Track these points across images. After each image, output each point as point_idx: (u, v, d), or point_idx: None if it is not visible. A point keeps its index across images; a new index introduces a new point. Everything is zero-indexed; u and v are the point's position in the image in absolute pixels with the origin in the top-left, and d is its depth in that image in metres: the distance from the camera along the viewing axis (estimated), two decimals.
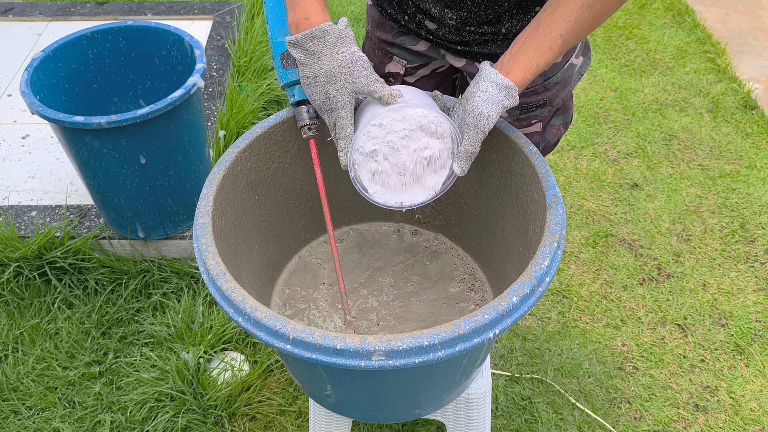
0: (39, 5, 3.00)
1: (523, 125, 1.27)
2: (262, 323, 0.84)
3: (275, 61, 1.09)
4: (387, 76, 1.34)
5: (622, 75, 2.90)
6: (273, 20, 1.09)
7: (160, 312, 1.89)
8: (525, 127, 1.28)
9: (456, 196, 1.27)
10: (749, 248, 2.13)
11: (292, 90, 1.08)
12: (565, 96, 1.29)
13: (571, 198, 2.31)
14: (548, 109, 1.26)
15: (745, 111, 2.66)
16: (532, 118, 1.26)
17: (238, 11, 2.93)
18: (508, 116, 1.25)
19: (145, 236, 1.95)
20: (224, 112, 2.31)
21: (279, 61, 1.08)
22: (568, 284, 2.02)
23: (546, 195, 0.99)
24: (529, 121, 1.27)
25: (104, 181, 1.79)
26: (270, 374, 1.76)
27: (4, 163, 2.24)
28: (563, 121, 1.34)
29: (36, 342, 1.83)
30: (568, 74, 1.24)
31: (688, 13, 3.25)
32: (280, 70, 1.08)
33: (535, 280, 0.88)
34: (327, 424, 1.38)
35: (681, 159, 2.47)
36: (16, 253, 1.89)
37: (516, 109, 1.24)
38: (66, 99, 1.87)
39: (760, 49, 3.05)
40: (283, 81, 1.08)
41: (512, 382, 1.77)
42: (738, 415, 1.71)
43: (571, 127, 2.61)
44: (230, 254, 1.05)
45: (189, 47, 1.83)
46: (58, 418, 1.68)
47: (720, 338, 1.88)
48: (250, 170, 1.13)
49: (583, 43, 1.26)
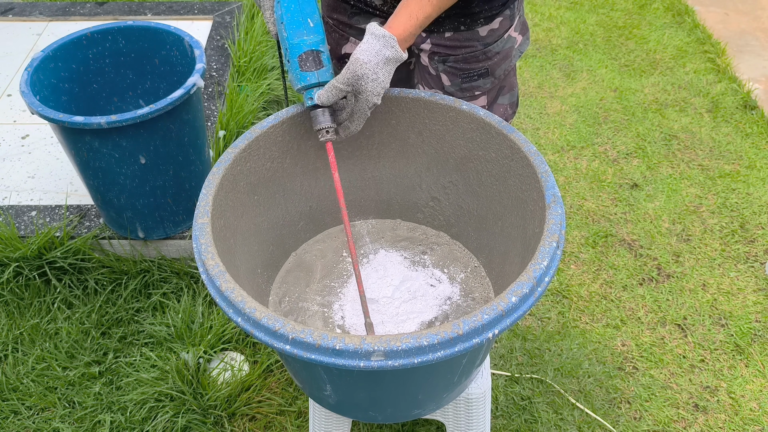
0: (39, 5, 3.00)
1: (467, 96, 1.32)
2: (262, 323, 0.84)
3: (292, 63, 1.06)
4: (344, 57, 1.37)
5: (622, 75, 2.90)
6: (288, 21, 1.07)
7: (159, 312, 1.89)
8: (470, 99, 1.32)
9: (456, 196, 1.27)
10: (749, 248, 2.13)
11: (309, 93, 1.06)
12: (507, 69, 1.33)
13: (571, 198, 2.31)
14: (491, 80, 1.31)
15: (745, 111, 2.66)
16: (475, 89, 1.31)
17: (238, 11, 2.93)
18: (451, 85, 1.30)
19: (145, 236, 1.95)
20: (224, 112, 2.31)
21: (296, 63, 1.05)
22: (567, 284, 2.02)
23: (545, 195, 0.99)
24: (473, 92, 1.31)
25: (104, 181, 1.79)
26: (270, 374, 1.76)
27: (4, 163, 2.24)
28: (510, 100, 1.39)
29: (36, 342, 1.83)
30: (508, 45, 1.29)
31: (688, 13, 3.25)
32: (297, 73, 1.06)
33: (534, 280, 0.87)
34: (327, 424, 1.38)
35: (681, 159, 2.47)
36: (16, 253, 1.89)
37: (458, 77, 1.29)
38: (66, 99, 1.87)
39: (760, 49, 3.05)
40: (300, 83, 1.06)
41: (512, 382, 1.77)
42: (738, 415, 1.71)
43: (571, 127, 2.61)
44: (229, 254, 1.05)
45: (189, 47, 1.83)
46: (58, 418, 1.68)
47: (720, 338, 1.88)
48: (249, 170, 1.13)
49: (520, 22, 1.32)
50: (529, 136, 2.59)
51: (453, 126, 1.18)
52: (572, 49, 3.06)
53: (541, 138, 2.58)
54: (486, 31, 1.25)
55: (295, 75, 1.06)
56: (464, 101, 1.16)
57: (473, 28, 1.24)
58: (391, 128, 1.23)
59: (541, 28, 3.21)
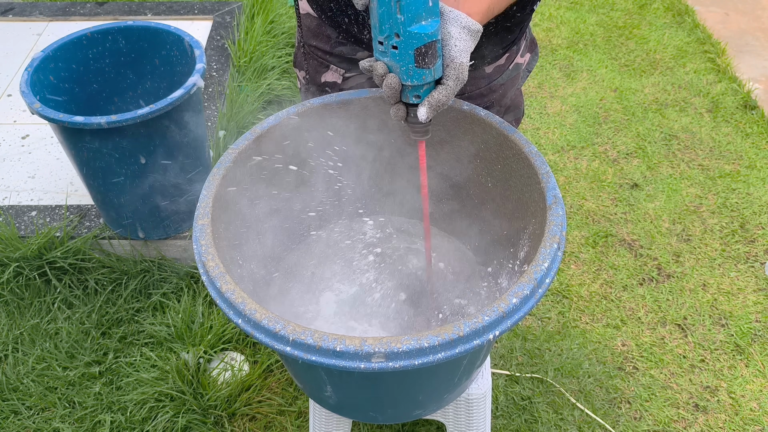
0: (39, 5, 3.00)
1: None
2: (262, 325, 0.84)
3: (402, 54, 0.86)
4: (323, 85, 1.26)
5: (622, 75, 2.90)
6: (407, 1, 0.83)
7: (160, 312, 1.89)
8: None
9: (456, 196, 1.27)
10: (749, 248, 2.13)
11: (418, 90, 0.90)
12: (514, 95, 1.28)
13: (571, 198, 2.31)
14: (496, 109, 1.25)
15: (745, 111, 2.66)
16: None
17: (238, 11, 2.93)
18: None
19: (145, 236, 1.95)
20: (224, 112, 2.31)
21: (412, 57, 0.86)
22: (568, 284, 2.02)
23: (546, 196, 0.99)
24: None
25: (104, 181, 1.79)
26: (270, 374, 1.76)
27: (4, 163, 2.24)
28: (514, 117, 1.33)
29: (36, 342, 1.83)
30: (513, 74, 1.22)
31: (688, 13, 3.24)
32: (412, 69, 0.87)
33: (534, 282, 0.87)
34: (327, 424, 1.38)
35: (681, 159, 2.47)
36: (16, 253, 1.89)
37: None
38: (66, 99, 1.87)
39: (760, 49, 3.05)
40: (413, 81, 0.88)
41: (512, 382, 1.77)
42: (738, 415, 1.71)
43: (571, 127, 2.61)
44: (230, 255, 1.05)
45: (189, 47, 1.83)
46: (58, 418, 1.68)
47: (720, 338, 1.88)
48: (249, 171, 1.13)
49: (528, 40, 1.24)
50: (529, 136, 2.59)
51: (454, 127, 1.18)
52: (572, 49, 3.06)
53: (541, 138, 2.58)
54: (492, 68, 1.20)
55: (407, 71, 0.87)
56: (465, 102, 1.16)
57: (480, 67, 1.19)
58: (389, 130, 1.23)
59: (541, 28, 3.21)
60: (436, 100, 0.90)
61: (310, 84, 1.31)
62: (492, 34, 1.13)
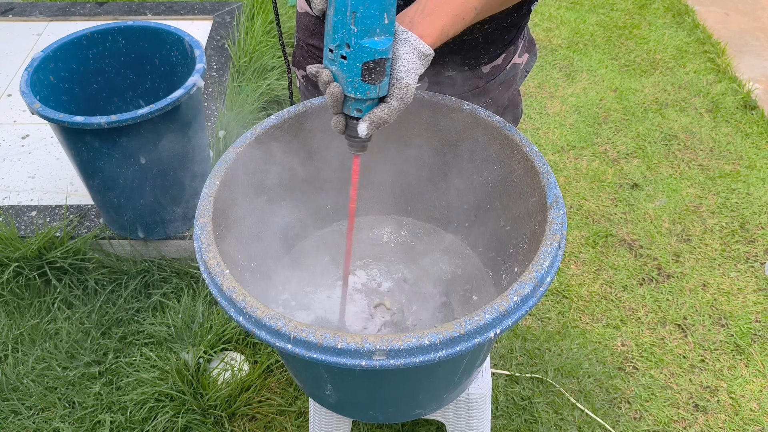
0: (39, 5, 3.00)
1: None
2: (263, 323, 0.84)
3: (350, 67, 0.86)
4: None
5: (622, 75, 2.90)
6: (364, 12, 0.83)
7: (160, 312, 1.89)
8: None
9: (456, 196, 1.27)
10: (749, 248, 2.13)
11: (360, 105, 0.89)
12: (512, 95, 1.28)
13: (571, 198, 2.31)
14: (493, 109, 1.25)
15: (745, 111, 2.67)
16: None
17: (238, 11, 2.93)
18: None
19: (145, 236, 1.94)
20: (224, 112, 2.31)
21: (359, 70, 0.85)
22: (568, 284, 2.02)
23: (547, 195, 0.99)
24: None
25: (104, 181, 1.79)
26: (270, 374, 1.76)
27: (4, 163, 2.24)
28: (512, 117, 1.33)
29: (36, 342, 1.83)
30: (511, 74, 1.22)
31: (688, 13, 3.25)
32: (358, 82, 0.86)
33: (535, 280, 0.87)
34: (327, 424, 1.38)
35: (681, 159, 2.47)
36: (16, 253, 1.89)
37: None
38: (66, 99, 1.87)
39: (760, 49, 3.05)
40: (357, 94, 0.88)
41: (512, 382, 1.77)
42: (738, 415, 1.71)
43: (571, 127, 2.61)
44: (230, 253, 1.05)
45: (189, 47, 1.83)
46: (58, 418, 1.67)
47: (720, 338, 1.88)
48: (250, 170, 1.13)
49: (526, 40, 1.24)
50: (529, 136, 2.59)
51: (454, 126, 1.18)
52: (572, 49, 3.07)
53: (541, 138, 2.58)
54: (489, 68, 1.20)
55: (352, 83, 0.87)
56: (466, 102, 1.16)
57: (477, 67, 1.19)
58: (391, 128, 1.23)
59: (541, 28, 3.22)
60: (378, 117, 0.89)
61: (309, 83, 1.31)
62: (489, 34, 1.13)
